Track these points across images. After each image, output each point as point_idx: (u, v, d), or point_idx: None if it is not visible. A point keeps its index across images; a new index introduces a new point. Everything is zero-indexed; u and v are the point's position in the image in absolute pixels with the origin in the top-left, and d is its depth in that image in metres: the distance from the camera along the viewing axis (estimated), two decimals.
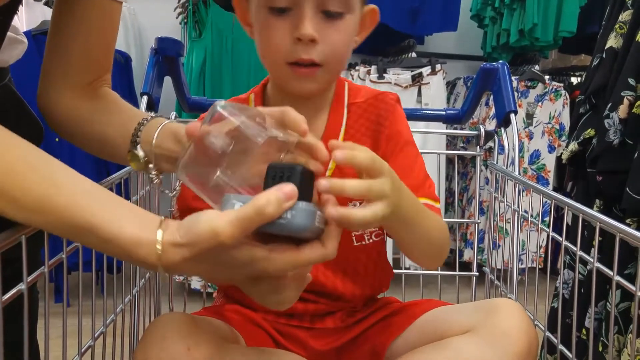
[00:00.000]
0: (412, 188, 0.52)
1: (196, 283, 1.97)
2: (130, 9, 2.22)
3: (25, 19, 2.03)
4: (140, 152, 0.55)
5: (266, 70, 0.62)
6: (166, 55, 0.96)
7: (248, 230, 0.38)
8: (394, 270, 0.76)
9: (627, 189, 0.93)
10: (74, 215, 0.39)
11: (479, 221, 0.99)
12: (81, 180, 0.41)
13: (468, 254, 1.93)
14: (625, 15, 1.06)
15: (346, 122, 0.64)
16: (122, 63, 2.01)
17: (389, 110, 0.65)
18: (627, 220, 0.95)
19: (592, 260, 0.58)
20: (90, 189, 0.41)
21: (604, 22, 1.15)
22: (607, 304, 0.91)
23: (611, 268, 0.55)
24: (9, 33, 0.56)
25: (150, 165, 0.56)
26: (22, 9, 1.97)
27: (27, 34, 1.70)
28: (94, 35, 0.58)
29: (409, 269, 0.76)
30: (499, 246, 0.92)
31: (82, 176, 0.42)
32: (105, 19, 0.58)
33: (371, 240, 0.66)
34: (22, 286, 0.47)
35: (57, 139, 1.86)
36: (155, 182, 0.57)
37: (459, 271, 0.92)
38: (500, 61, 0.97)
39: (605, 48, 1.08)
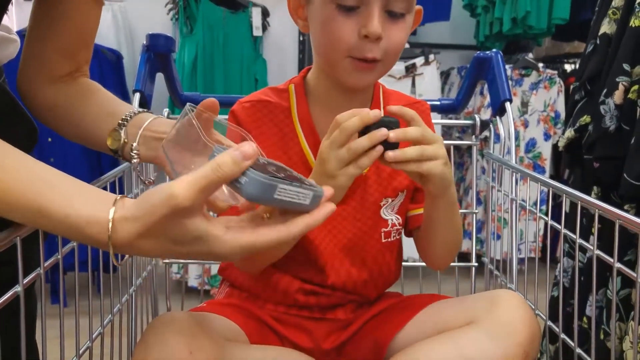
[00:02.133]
0: None
1: (193, 281, 1.96)
2: (121, 6, 2.19)
3: (15, 19, 2.00)
4: (122, 134, 0.56)
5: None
6: (158, 51, 0.95)
7: (206, 190, 0.36)
8: None
9: (625, 174, 0.93)
10: (24, 198, 0.38)
11: (476, 211, 0.99)
12: (34, 165, 0.40)
13: (466, 245, 1.93)
14: (618, 1, 1.05)
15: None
16: (114, 61, 1.99)
17: (424, 119, 0.69)
18: (625, 207, 0.95)
19: (591, 247, 0.58)
20: (42, 173, 0.40)
21: (597, 8, 1.15)
22: (608, 291, 0.91)
23: (611, 255, 0.54)
24: (0, 32, 0.56)
25: (134, 144, 0.56)
26: (12, 9, 1.95)
27: (17, 33, 1.68)
28: (70, 31, 0.58)
29: (407, 261, 0.76)
30: (498, 236, 0.92)
31: (37, 161, 0.41)
32: (83, 16, 0.58)
33: (395, 238, 0.68)
34: (17, 288, 0.46)
35: (49, 139, 1.84)
36: (134, 161, 0.57)
37: (458, 262, 0.92)
38: (494, 50, 0.96)
39: (599, 34, 1.08)
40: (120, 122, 0.57)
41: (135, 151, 0.56)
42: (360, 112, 0.50)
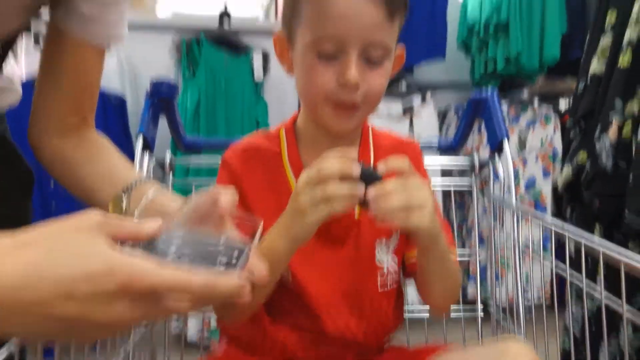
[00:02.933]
0: None
1: (193, 335, 1.91)
2: (125, 47, 2.24)
3: (24, 66, 2.05)
4: (124, 202, 0.56)
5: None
6: (161, 97, 0.97)
7: (118, 226, 0.37)
8: None
9: (627, 211, 0.92)
10: None
11: (480, 256, 0.97)
12: None
13: (472, 290, 1.89)
14: (606, 41, 1.08)
15: (373, 164, 0.64)
16: (117, 105, 2.02)
17: (416, 157, 0.68)
18: (630, 244, 0.94)
19: (599, 297, 0.56)
20: None
21: (585, 47, 1.17)
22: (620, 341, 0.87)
23: (619, 299, 0.53)
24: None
25: (136, 212, 0.56)
26: (22, 56, 2.00)
27: (27, 82, 1.72)
28: (75, 81, 0.59)
29: (412, 312, 0.74)
30: (501, 278, 0.90)
31: None
32: (87, 66, 0.60)
33: (393, 287, 0.66)
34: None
35: (52, 185, 1.85)
36: None
37: (464, 309, 0.89)
38: (490, 88, 0.98)
39: (590, 74, 1.10)
40: (123, 190, 0.57)
41: (135, 221, 0.56)
42: (347, 153, 0.51)
